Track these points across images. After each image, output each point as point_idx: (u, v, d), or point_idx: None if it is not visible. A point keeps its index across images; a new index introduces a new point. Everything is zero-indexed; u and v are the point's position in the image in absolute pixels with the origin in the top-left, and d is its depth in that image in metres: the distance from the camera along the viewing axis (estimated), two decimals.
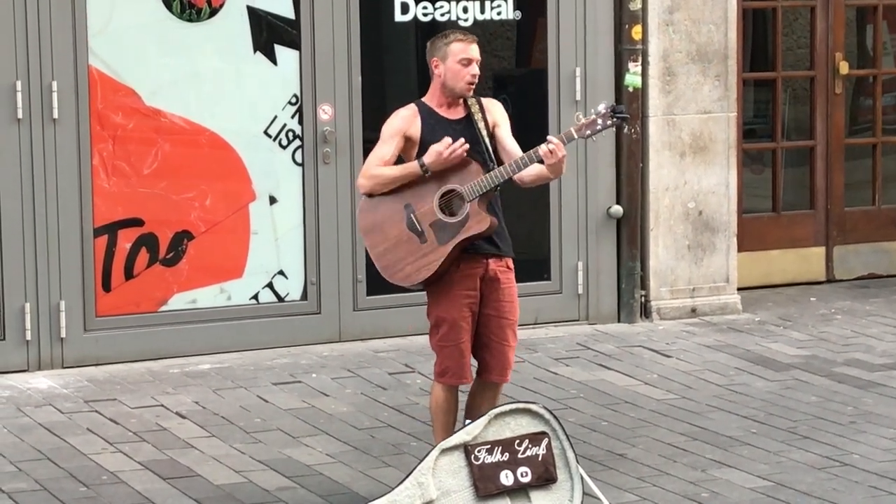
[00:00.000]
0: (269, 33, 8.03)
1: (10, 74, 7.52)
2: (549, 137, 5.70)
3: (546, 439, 5.71)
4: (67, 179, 7.63)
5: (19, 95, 7.53)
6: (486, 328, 5.87)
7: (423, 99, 5.91)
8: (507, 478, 5.64)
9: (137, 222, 7.84)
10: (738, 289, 9.05)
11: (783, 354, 8.11)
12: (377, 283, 8.13)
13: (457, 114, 5.86)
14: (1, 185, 7.53)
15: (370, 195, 5.85)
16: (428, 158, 5.71)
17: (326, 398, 7.24)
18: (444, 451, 5.62)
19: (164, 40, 7.84)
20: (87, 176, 7.68)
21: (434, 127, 5.80)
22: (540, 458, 5.68)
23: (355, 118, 8.13)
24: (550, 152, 5.65)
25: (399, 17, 8.31)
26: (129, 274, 7.83)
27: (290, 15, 8.05)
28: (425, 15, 8.35)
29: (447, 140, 5.70)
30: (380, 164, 5.80)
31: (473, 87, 5.83)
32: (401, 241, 5.77)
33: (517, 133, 5.99)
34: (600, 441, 6.63)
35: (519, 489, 5.66)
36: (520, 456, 5.66)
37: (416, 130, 5.81)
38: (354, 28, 8.10)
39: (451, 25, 8.42)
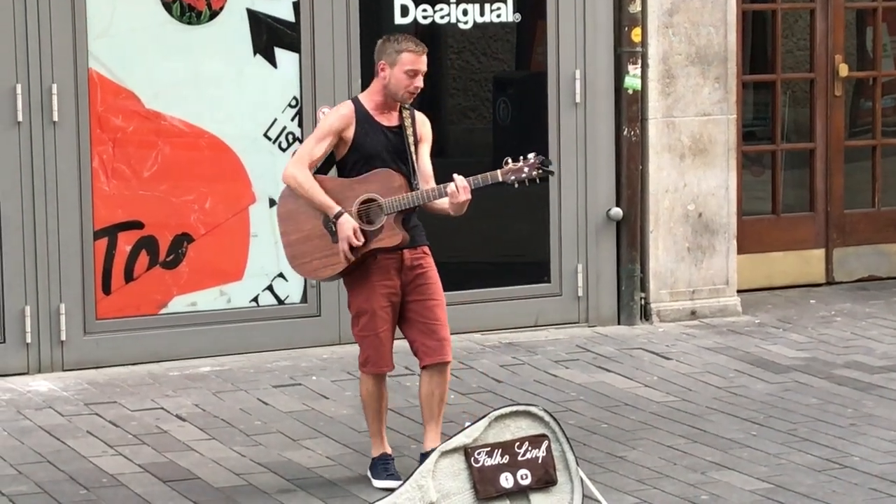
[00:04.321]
0: (268, 36, 8.03)
1: (11, 77, 7.52)
2: (455, 178, 5.90)
3: (546, 442, 5.72)
4: (67, 182, 7.64)
5: (19, 98, 7.53)
6: (416, 314, 6.05)
7: (361, 97, 6.09)
8: (507, 480, 5.64)
9: (137, 225, 7.84)
10: (738, 291, 9.05)
11: (783, 356, 8.11)
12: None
13: (391, 121, 6.04)
14: (1, 187, 7.53)
15: None
16: (340, 222, 5.89)
17: (326, 401, 7.24)
18: (444, 453, 5.63)
19: (164, 43, 7.84)
20: (87, 178, 7.68)
21: (368, 131, 6.00)
22: (540, 461, 5.68)
23: None
24: (455, 193, 5.88)
25: (399, 19, 8.31)
26: (129, 276, 7.83)
27: (290, 18, 8.05)
28: (425, 17, 8.36)
29: (353, 239, 5.86)
30: (309, 162, 6.01)
31: (414, 97, 6.04)
32: (313, 235, 5.98)
33: (519, 137, 6.02)
34: (600, 443, 6.63)
35: (519, 491, 5.66)
36: (520, 458, 5.67)
37: (350, 133, 6.00)
38: (354, 31, 8.11)
39: (451, 28, 8.44)
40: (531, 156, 5.95)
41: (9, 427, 6.80)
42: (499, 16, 8.51)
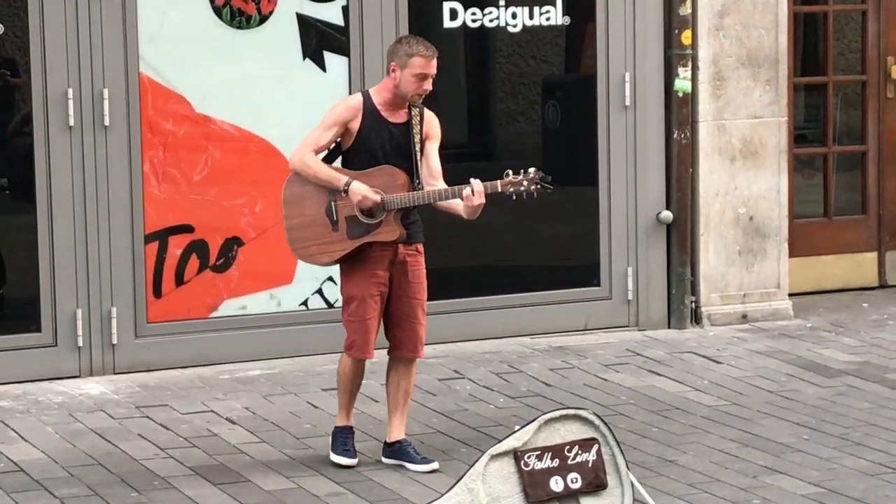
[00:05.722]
0: (318, 40, 8.05)
1: (62, 82, 7.57)
2: (471, 182, 6.06)
3: (596, 445, 5.70)
4: (119, 186, 7.68)
5: (71, 103, 7.58)
6: (397, 308, 6.27)
7: (371, 91, 6.26)
8: (557, 484, 5.63)
9: (188, 229, 7.88)
10: (790, 294, 8.99)
11: (835, 360, 8.06)
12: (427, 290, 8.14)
13: (398, 118, 6.21)
14: (53, 191, 7.58)
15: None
16: (352, 189, 6.08)
17: (376, 404, 7.24)
18: (493, 456, 5.62)
19: (214, 47, 7.87)
20: (137, 182, 7.72)
21: (373, 125, 6.18)
22: (590, 465, 5.67)
23: None
24: (470, 196, 6.05)
25: (448, 23, 8.31)
26: (179, 280, 7.87)
27: (340, 22, 8.07)
28: (474, 21, 8.36)
29: (376, 197, 6.04)
30: (315, 148, 6.19)
31: (422, 98, 6.20)
32: (315, 222, 6.19)
33: (568, 140, 6.01)
34: (651, 447, 6.60)
35: (569, 495, 5.64)
36: (570, 462, 5.65)
37: (356, 124, 6.18)
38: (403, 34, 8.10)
39: (500, 31, 8.43)
40: (532, 170, 6.15)
41: (61, 430, 6.84)
42: (548, 19, 8.50)
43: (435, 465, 6.27)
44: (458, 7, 8.31)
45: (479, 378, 7.69)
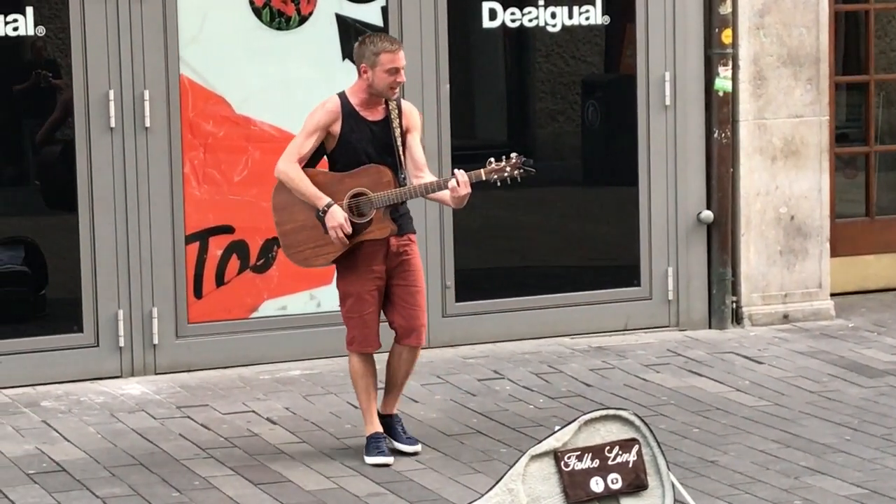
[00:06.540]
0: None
1: (103, 84, 7.61)
2: (455, 173, 6.19)
3: (636, 446, 5.69)
4: (159, 187, 7.71)
5: (112, 104, 7.62)
6: (397, 297, 6.37)
7: (347, 93, 6.36)
8: (597, 484, 5.62)
9: (228, 229, 7.90)
10: (831, 294, 8.95)
11: (877, 361, 8.02)
12: (466, 290, 8.16)
13: (376, 115, 6.33)
14: (94, 193, 7.62)
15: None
16: (329, 213, 6.19)
17: (416, 404, 7.25)
18: (533, 457, 5.61)
19: (254, 49, 7.89)
20: (178, 184, 7.75)
21: (353, 127, 6.29)
22: (630, 465, 5.66)
23: (443, 125, 8.14)
24: (456, 187, 6.16)
25: (487, 23, 8.31)
26: (220, 281, 7.89)
27: (379, 22, 8.08)
28: (513, 21, 8.35)
29: (344, 226, 6.17)
30: (299, 156, 6.26)
31: (396, 91, 6.32)
32: (306, 226, 6.30)
33: (608, 140, 6.00)
34: (691, 448, 6.58)
35: (609, 496, 5.63)
36: (610, 462, 5.64)
37: (337, 127, 6.30)
38: (442, 35, 8.11)
39: (539, 31, 8.41)
40: (513, 155, 6.26)
41: (102, 430, 6.88)
42: (587, 18, 8.48)
43: (418, 448, 6.42)
44: (498, 7, 8.30)
45: (519, 378, 7.68)
